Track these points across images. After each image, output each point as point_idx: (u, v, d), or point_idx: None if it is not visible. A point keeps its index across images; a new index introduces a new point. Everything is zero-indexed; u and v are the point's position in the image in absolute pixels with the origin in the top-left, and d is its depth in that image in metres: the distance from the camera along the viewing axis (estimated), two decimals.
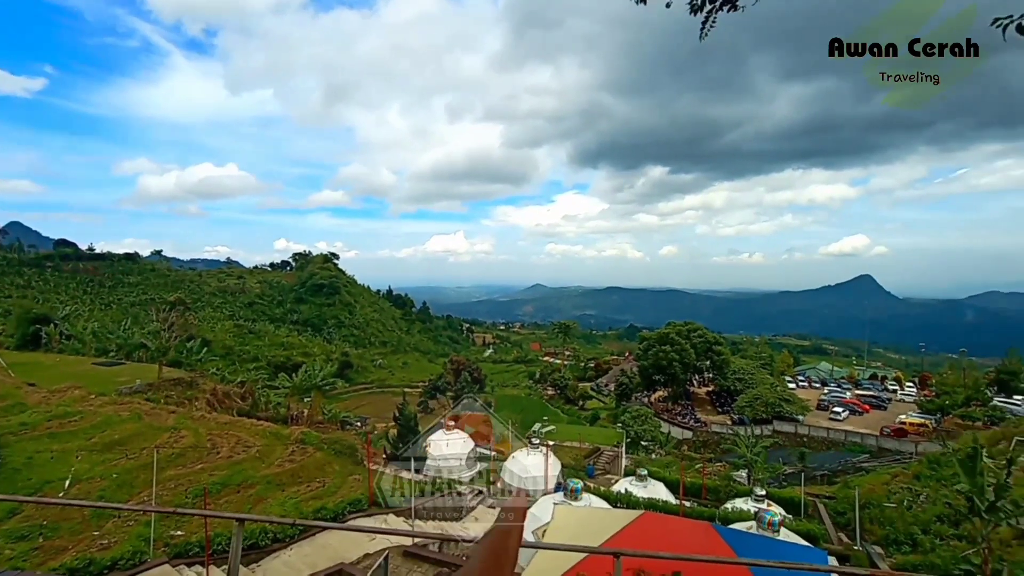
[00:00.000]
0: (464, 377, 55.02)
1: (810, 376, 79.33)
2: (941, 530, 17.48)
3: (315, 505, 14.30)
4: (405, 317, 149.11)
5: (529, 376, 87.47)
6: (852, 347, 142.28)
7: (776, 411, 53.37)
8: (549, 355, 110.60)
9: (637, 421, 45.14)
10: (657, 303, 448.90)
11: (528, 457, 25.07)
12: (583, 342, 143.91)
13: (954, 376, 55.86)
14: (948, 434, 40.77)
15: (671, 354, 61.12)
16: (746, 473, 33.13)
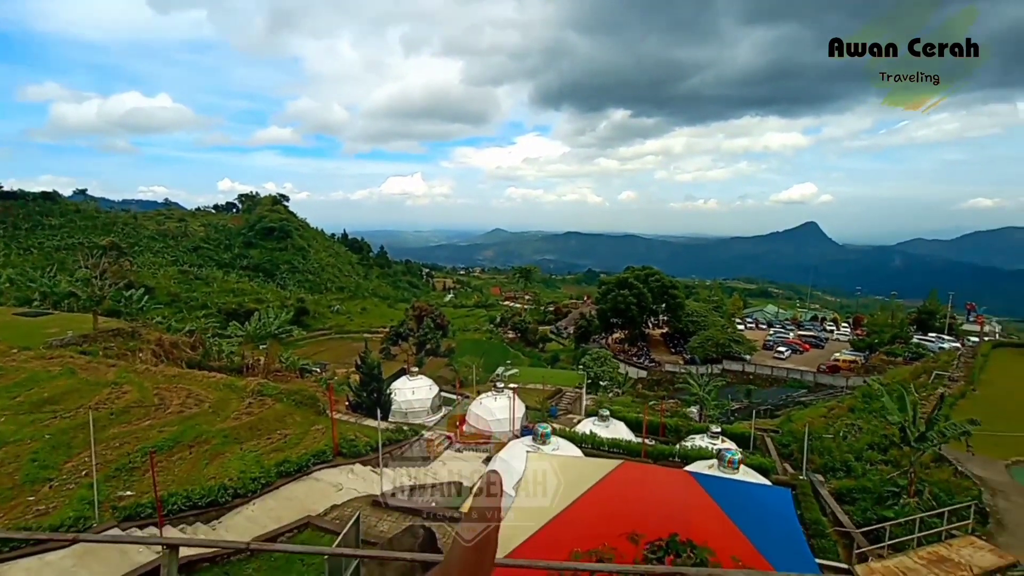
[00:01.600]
0: (427, 323, 54.48)
1: (757, 318, 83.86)
2: (871, 456, 19.08)
3: (277, 458, 13.79)
4: (362, 262, 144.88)
5: (490, 320, 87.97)
6: (796, 290, 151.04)
7: (725, 351, 56.36)
8: (509, 299, 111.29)
9: (596, 362, 46.52)
10: (616, 248, 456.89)
11: (494, 401, 25.32)
12: (543, 286, 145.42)
13: (883, 317, 60.35)
14: (875, 369, 44.46)
15: (629, 298, 62.55)
16: (697, 409, 35.12)
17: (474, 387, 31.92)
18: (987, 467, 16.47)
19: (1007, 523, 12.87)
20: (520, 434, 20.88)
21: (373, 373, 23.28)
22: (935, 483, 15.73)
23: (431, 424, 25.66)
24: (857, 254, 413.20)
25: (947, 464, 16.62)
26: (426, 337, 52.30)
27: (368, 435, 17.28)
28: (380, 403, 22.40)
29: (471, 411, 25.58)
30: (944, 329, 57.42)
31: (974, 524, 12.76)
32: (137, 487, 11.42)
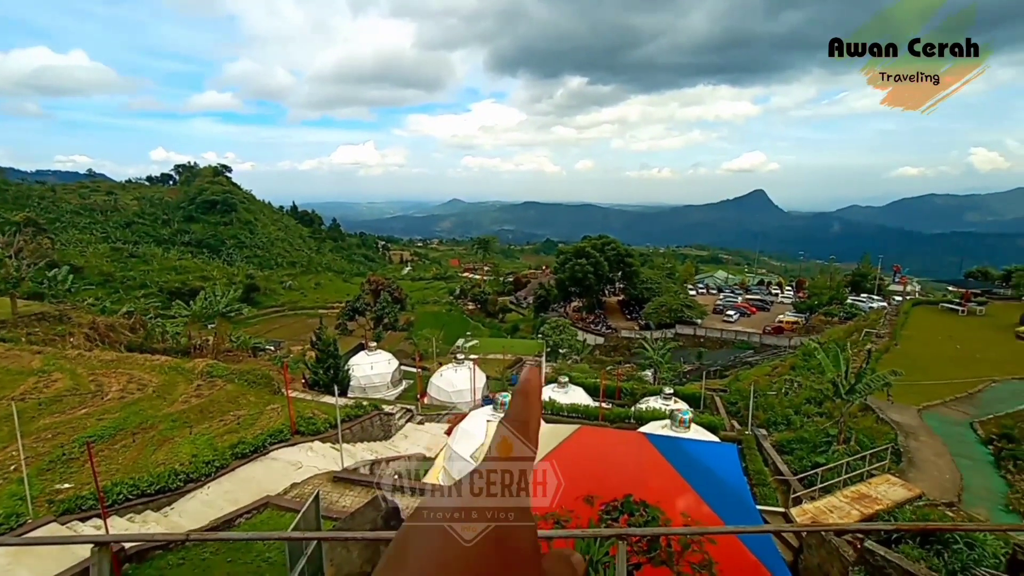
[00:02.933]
0: (384, 297, 53.50)
1: (708, 284, 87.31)
2: (808, 410, 20.60)
3: (231, 440, 13.37)
4: (314, 235, 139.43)
5: (449, 292, 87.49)
6: (744, 256, 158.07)
7: (678, 316, 58.59)
8: (468, 270, 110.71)
9: (555, 331, 47.36)
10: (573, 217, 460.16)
11: (454, 372, 25.46)
12: (502, 257, 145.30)
13: (822, 280, 64.34)
14: (814, 329, 47.57)
15: (586, 267, 63.53)
16: (652, 372, 36.60)
17: (434, 360, 31.91)
18: (903, 413, 18.13)
19: (917, 461, 14.30)
20: (481, 404, 21.15)
21: (329, 349, 22.77)
22: (861, 430, 17.21)
23: (391, 398, 25.57)
24: (801, 220, 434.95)
25: (871, 412, 18.16)
26: (384, 311, 51.46)
27: (327, 412, 17.00)
28: (338, 379, 22.03)
29: (432, 383, 25.65)
30: (874, 290, 61.88)
31: (890, 464, 14.10)
32: (77, 479, 10.82)
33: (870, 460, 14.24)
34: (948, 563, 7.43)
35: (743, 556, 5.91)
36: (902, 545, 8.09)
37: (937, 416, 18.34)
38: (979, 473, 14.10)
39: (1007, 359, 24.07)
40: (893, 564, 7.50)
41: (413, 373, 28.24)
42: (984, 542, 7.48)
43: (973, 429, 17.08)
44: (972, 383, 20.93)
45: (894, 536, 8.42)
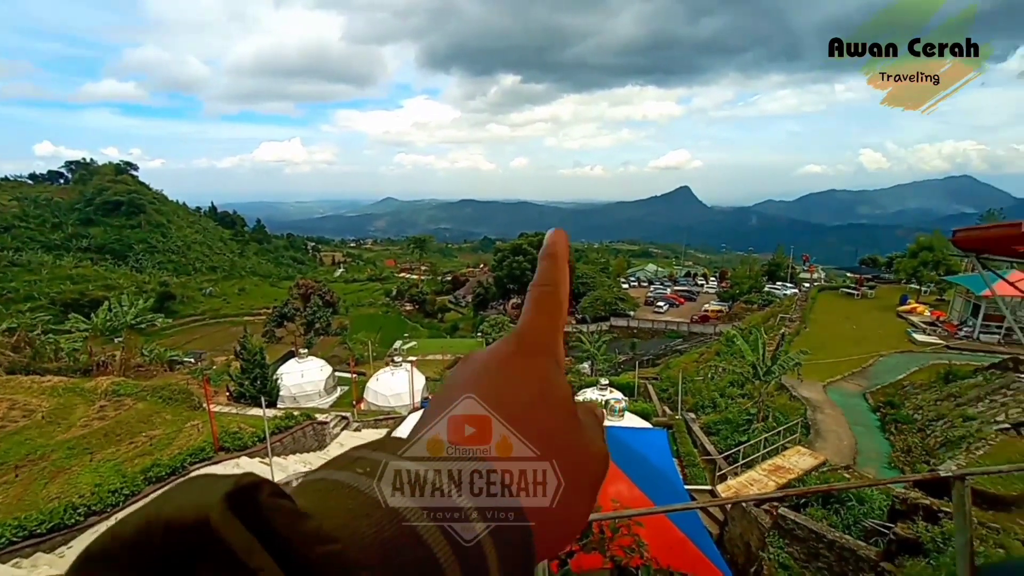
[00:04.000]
0: (314, 301, 51.08)
1: (639, 277, 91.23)
2: (732, 392, 22.08)
3: (143, 464, 12.23)
4: (236, 237, 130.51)
5: (386, 294, 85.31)
6: (672, 250, 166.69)
7: (613, 309, 60.76)
8: (405, 271, 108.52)
9: (495, 329, 47.55)
10: (509, 215, 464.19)
11: (392, 376, 24.86)
12: (439, 256, 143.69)
13: (742, 270, 69.15)
14: (736, 317, 51.10)
15: (524, 264, 64.30)
16: (589, 364, 37.71)
17: (371, 364, 30.98)
18: (811, 389, 19.93)
19: (822, 431, 15.80)
20: (420, 407, 20.81)
21: (255, 359, 21.43)
22: (776, 408, 18.69)
23: (326, 406, 24.53)
24: (722, 215, 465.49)
25: (785, 391, 19.78)
26: (315, 316, 49.19)
27: (254, 425, 16.00)
28: (266, 390, 20.79)
29: (369, 388, 24.89)
30: (787, 278, 67.45)
31: (801, 436, 15.46)
32: None
33: (784, 435, 15.53)
34: (844, 518, 8.28)
35: (672, 533, 6.23)
36: (809, 508, 8.89)
37: (838, 390, 20.31)
38: (870, 437, 15.81)
39: (891, 335, 27.13)
40: (801, 525, 8.23)
41: (348, 379, 27.25)
42: (871, 497, 8.40)
43: (865, 399, 19.10)
44: (865, 358, 23.37)
45: (802, 501, 9.24)
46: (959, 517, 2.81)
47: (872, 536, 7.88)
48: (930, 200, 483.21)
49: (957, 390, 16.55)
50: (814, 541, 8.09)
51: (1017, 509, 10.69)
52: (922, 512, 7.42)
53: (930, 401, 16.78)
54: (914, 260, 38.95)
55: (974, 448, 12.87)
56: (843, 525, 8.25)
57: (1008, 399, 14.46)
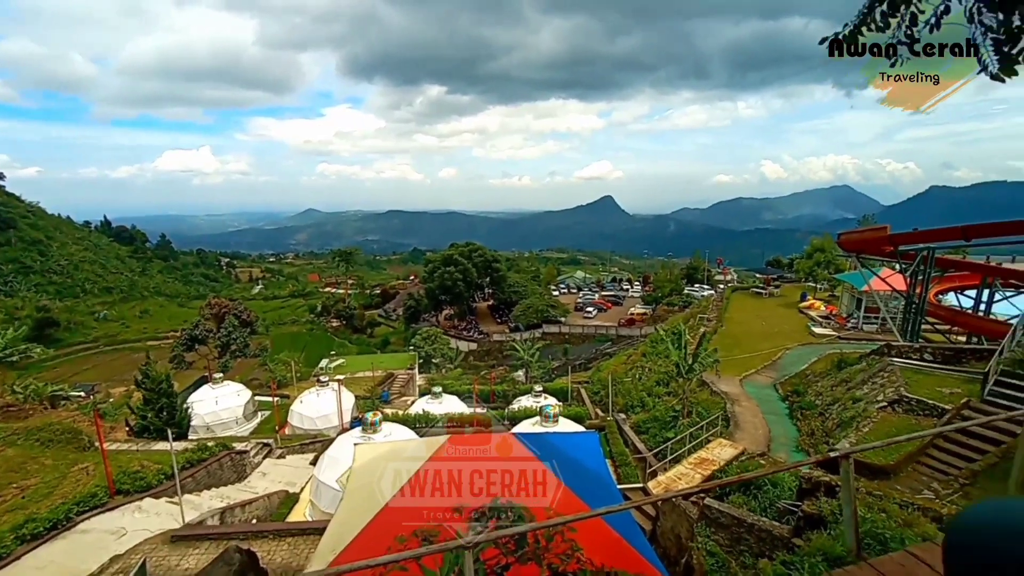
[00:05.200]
0: (230, 321, 47.32)
1: (569, 283, 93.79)
2: (659, 391, 23.13)
3: (14, 520, 10.56)
4: (136, 255, 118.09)
5: (310, 310, 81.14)
6: (599, 257, 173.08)
7: (545, 316, 61.89)
8: (331, 285, 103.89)
9: (427, 341, 46.67)
10: (439, 225, 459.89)
11: (319, 396, 23.54)
12: (367, 268, 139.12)
13: (663, 274, 73.21)
14: (660, 318, 53.88)
15: (455, 274, 63.90)
16: (523, 372, 38.04)
17: (295, 385, 29.18)
18: (729, 383, 21.37)
19: (741, 423, 16.95)
20: (350, 427, 19.85)
21: (161, 387, 19.37)
22: (699, 403, 19.82)
23: (245, 433, 22.71)
24: (643, 222, 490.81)
25: (706, 387, 21.04)
26: (230, 337, 45.58)
27: (161, 461, 14.43)
28: (174, 421, 18.86)
29: (293, 411, 23.42)
30: (704, 280, 72.27)
31: (722, 428, 16.48)
32: None
33: (707, 428, 16.46)
34: (761, 502, 8.89)
35: (606, 534, 6.33)
36: (731, 496, 9.45)
37: (752, 383, 21.96)
38: (780, 425, 17.20)
39: (795, 329, 29.85)
40: (725, 513, 8.71)
41: (270, 403, 25.43)
42: (783, 480, 9.11)
43: (776, 389, 20.79)
44: (774, 352, 25.50)
45: (726, 490, 9.80)
46: (845, 491, 3.14)
47: (785, 515, 8.51)
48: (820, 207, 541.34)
49: (848, 376, 18.46)
50: (736, 527, 8.59)
51: (894, 476, 12.06)
52: (823, 488, 8.12)
53: (827, 387, 18.57)
54: (810, 261, 43.29)
55: (862, 426, 14.39)
56: (760, 508, 8.85)
57: (885, 380, 16.34)
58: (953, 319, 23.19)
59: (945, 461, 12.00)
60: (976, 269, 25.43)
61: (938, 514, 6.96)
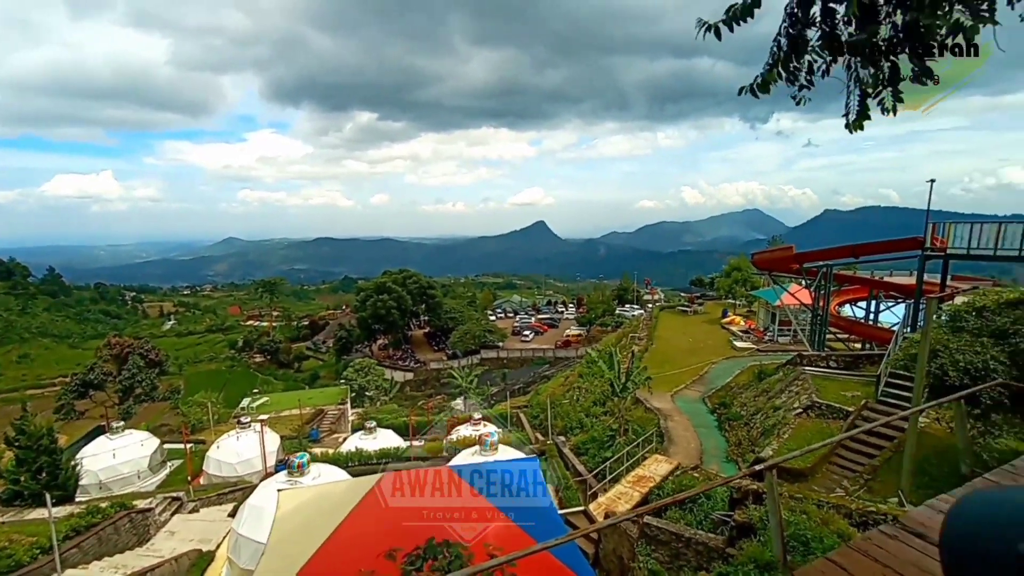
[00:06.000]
0: (134, 362, 42.64)
1: (505, 308, 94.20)
2: (596, 412, 23.42)
3: None
4: (15, 291, 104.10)
5: (230, 345, 75.34)
6: (534, 280, 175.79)
7: (482, 341, 61.51)
8: (253, 318, 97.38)
9: (360, 373, 44.65)
10: (371, 252, 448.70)
11: (239, 439, 21.58)
12: (294, 299, 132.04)
13: (596, 296, 75.58)
14: (594, 339, 55.27)
15: (389, 302, 62.16)
16: (462, 400, 37.28)
17: (212, 429, 26.64)
18: (661, 400, 22.11)
19: (674, 437, 17.52)
20: (274, 471, 18.30)
21: (40, 444, 16.83)
22: (635, 421, 20.29)
23: (151, 488, 20.25)
24: (575, 246, 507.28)
25: (640, 404, 21.63)
26: (134, 380, 41.06)
27: (37, 532, 12.42)
28: (56, 483, 16.42)
29: (209, 458, 21.27)
30: (634, 300, 75.35)
31: (657, 444, 16.92)
32: None
33: (643, 445, 16.82)
34: (696, 515, 9.11)
35: (549, 562, 6.15)
36: (668, 512, 9.60)
37: (683, 398, 22.87)
38: (711, 437, 17.96)
39: (719, 344, 31.68)
40: (663, 530, 8.82)
41: (182, 450, 22.95)
42: (716, 491, 9.42)
43: (705, 403, 21.78)
44: (701, 367, 26.82)
45: (663, 507, 9.96)
46: (770, 501, 3.25)
47: (719, 526, 8.75)
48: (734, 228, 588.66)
49: (767, 386, 19.74)
50: (675, 542, 8.71)
51: (811, 477, 12.91)
52: (752, 496, 8.47)
53: (750, 398, 19.72)
54: (728, 279, 46.52)
55: (782, 433, 15.35)
56: (696, 521, 9.06)
57: (799, 388, 17.64)
58: (850, 328, 25.72)
59: (851, 460, 13.03)
60: (864, 283, 28.52)
61: (848, 510, 7.48)
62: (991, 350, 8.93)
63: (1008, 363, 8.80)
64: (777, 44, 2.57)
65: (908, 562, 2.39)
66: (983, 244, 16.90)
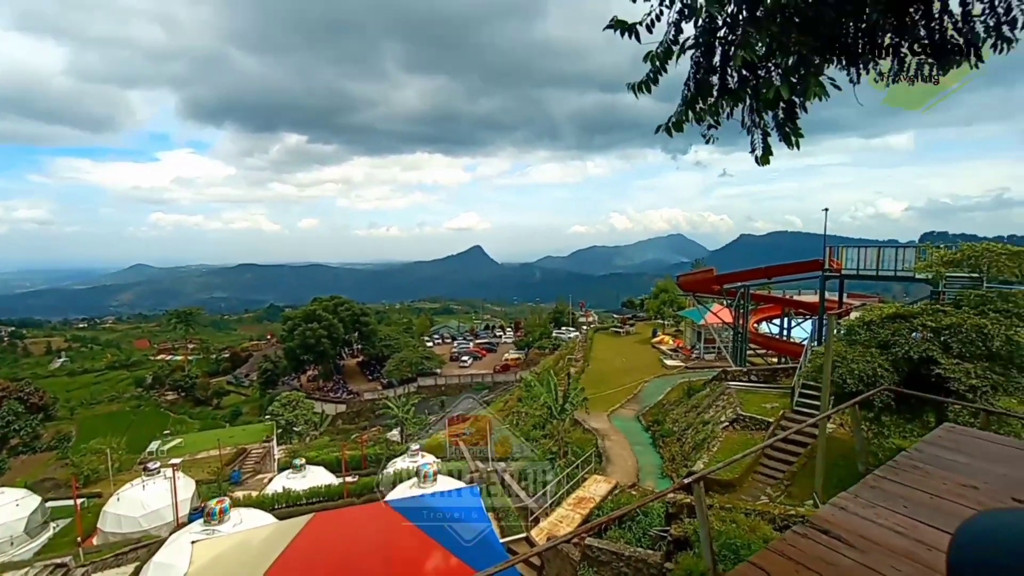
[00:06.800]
0: (9, 407, 37.10)
1: (443, 333, 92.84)
2: (536, 435, 23.43)
3: None
4: None
5: (137, 383, 68.17)
6: (472, 305, 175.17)
7: (419, 369, 60.00)
8: (165, 351, 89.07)
9: (287, 407, 41.85)
10: (300, 279, 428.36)
11: (145, 488, 19.30)
12: (213, 330, 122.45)
13: (533, 319, 76.62)
14: (533, 362, 55.68)
15: (319, 331, 59.30)
16: (399, 431, 35.94)
17: (111, 479, 23.72)
18: (598, 420, 22.55)
19: (611, 457, 17.87)
20: (188, 520, 16.50)
21: None
22: (574, 442, 20.51)
23: (29, 555, 17.51)
24: (511, 270, 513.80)
25: (579, 425, 21.92)
26: (8, 429, 35.77)
27: None
28: None
29: (106, 513, 18.80)
30: (570, 323, 77.04)
31: (595, 465, 17.16)
32: None
33: (582, 466, 16.98)
34: (635, 532, 9.28)
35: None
36: (608, 531, 9.70)
37: (619, 417, 23.46)
38: (646, 454, 18.51)
39: (650, 363, 32.99)
40: (604, 550, 8.89)
41: (70, 507, 20.12)
42: (652, 508, 9.67)
43: (639, 421, 22.47)
44: (635, 386, 27.73)
45: (603, 526, 10.05)
46: (699, 513, 3.42)
47: (657, 541, 8.96)
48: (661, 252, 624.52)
49: (696, 402, 20.75)
50: (616, 561, 8.79)
51: (739, 487, 13.62)
52: (687, 511, 8.77)
53: (681, 414, 20.61)
54: (657, 300, 48.88)
55: (712, 446, 16.14)
56: (635, 539, 9.21)
57: (724, 403, 18.71)
58: (768, 344, 27.81)
59: (773, 468, 13.92)
60: (777, 302, 31.09)
61: (772, 516, 7.97)
62: (878, 359, 10.00)
63: (891, 369, 9.89)
64: (688, 88, 2.82)
65: (817, 557, 2.62)
66: (868, 265, 19.13)
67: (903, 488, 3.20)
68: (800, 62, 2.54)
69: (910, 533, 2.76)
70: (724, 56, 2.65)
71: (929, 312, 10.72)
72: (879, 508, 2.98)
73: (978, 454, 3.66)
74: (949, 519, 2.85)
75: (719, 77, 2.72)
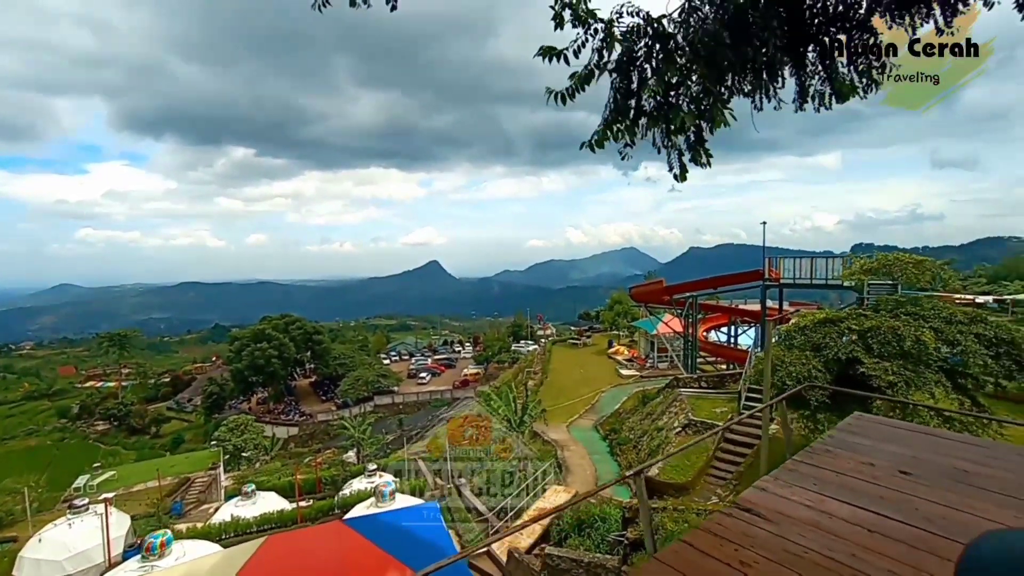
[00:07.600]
0: None
1: (400, 350, 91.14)
2: (496, 449, 23.46)
3: None
4: None
5: (60, 414, 62.84)
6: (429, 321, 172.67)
7: (376, 387, 58.54)
8: (95, 378, 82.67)
9: (235, 432, 39.74)
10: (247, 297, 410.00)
11: (71, 527, 17.77)
12: (151, 352, 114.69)
13: (492, 334, 76.60)
14: (492, 376, 55.54)
15: (268, 351, 56.90)
16: (355, 452, 34.89)
17: (29, 520, 21.72)
18: (558, 431, 22.82)
19: (571, 467, 18.13)
20: (122, 559, 15.33)
21: None
22: (534, 454, 20.65)
23: None
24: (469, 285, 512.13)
25: (538, 437, 22.09)
26: None
27: None
28: None
29: (23, 558, 17.15)
30: (528, 336, 77.49)
31: (555, 475, 17.35)
32: None
33: (543, 477, 17.12)
34: (594, 539, 9.48)
35: None
36: (568, 540, 9.86)
37: (578, 427, 23.80)
38: (605, 463, 18.88)
39: (607, 373, 33.71)
40: (564, 558, 9.03)
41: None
42: (610, 514, 9.93)
43: (597, 430, 22.90)
44: (592, 396, 28.25)
45: (564, 535, 10.21)
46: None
47: (616, 546, 9.18)
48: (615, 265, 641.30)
49: (651, 409, 21.40)
50: (576, 568, 8.93)
51: (692, 490, 14.15)
52: None
53: (637, 422, 21.18)
54: (612, 312, 50.13)
55: (666, 451, 16.70)
56: (595, 545, 9.40)
57: (677, 409, 19.42)
58: (716, 352, 29.10)
59: (723, 469, 14.56)
60: (724, 311, 32.66)
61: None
62: (812, 361, 10.80)
63: (824, 370, 10.70)
64: (607, 109, 3.13)
65: (740, 532, 2.99)
66: (803, 275, 20.56)
67: (815, 469, 3.64)
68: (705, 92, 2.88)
69: (816, 506, 3.19)
70: (640, 83, 2.97)
71: (854, 316, 11.70)
72: (794, 488, 3.39)
73: (877, 437, 4.20)
74: (850, 493, 3.32)
75: (635, 101, 3.03)
